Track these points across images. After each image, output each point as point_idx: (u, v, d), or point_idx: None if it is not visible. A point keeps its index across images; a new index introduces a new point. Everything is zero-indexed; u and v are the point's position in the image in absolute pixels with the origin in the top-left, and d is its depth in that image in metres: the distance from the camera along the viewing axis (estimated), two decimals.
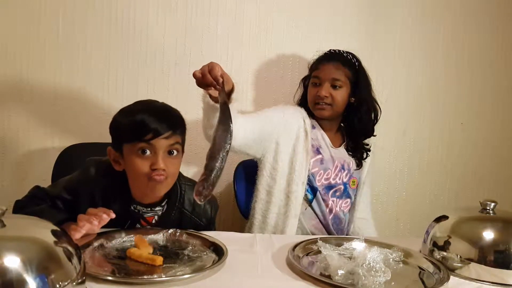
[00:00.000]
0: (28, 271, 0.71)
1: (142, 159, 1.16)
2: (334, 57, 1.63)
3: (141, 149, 1.16)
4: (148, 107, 1.22)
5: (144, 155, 1.16)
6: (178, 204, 1.27)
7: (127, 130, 1.18)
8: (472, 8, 2.10)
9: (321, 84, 1.60)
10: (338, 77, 1.59)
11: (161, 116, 1.18)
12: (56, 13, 1.83)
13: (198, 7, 1.91)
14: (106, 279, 0.93)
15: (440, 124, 2.14)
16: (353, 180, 1.66)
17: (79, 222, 1.10)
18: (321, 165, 1.60)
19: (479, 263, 1.06)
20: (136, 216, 1.25)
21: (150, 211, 1.26)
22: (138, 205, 1.25)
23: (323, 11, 1.99)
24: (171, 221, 1.26)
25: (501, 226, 1.11)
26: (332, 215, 1.61)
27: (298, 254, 1.12)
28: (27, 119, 1.85)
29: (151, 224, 1.27)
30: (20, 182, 1.85)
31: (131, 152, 1.17)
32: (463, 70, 2.12)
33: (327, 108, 1.60)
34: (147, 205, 1.25)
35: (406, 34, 2.07)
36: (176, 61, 1.92)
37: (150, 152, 1.16)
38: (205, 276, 0.98)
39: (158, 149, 1.16)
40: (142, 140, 1.15)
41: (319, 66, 1.63)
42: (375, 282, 0.97)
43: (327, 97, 1.58)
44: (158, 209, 1.27)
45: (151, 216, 1.26)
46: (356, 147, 1.67)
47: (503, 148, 2.18)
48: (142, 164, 1.16)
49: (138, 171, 1.17)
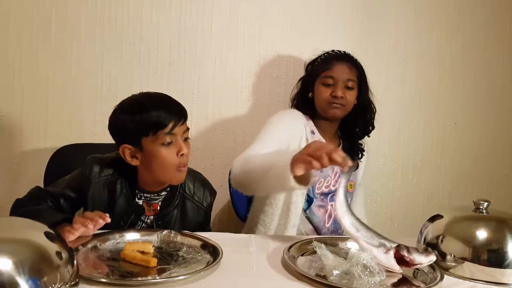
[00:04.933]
0: (21, 274, 0.70)
1: (168, 148, 1.23)
2: (345, 58, 1.62)
3: (165, 140, 1.22)
4: (159, 100, 1.28)
5: (169, 145, 1.22)
6: (180, 189, 1.33)
7: (146, 125, 1.22)
8: (466, 7, 2.11)
9: (335, 84, 1.56)
10: (351, 78, 1.58)
11: (174, 106, 1.26)
12: (49, 13, 1.81)
13: (192, 7, 1.91)
14: (100, 281, 0.92)
15: (434, 124, 2.15)
16: (350, 183, 1.66)
17: (74, 224, 1.10)
18: (320, 173, 1.56)
19: (472, 262, 1.07)
20: (140, 209, 1.30)
21: (157, 197, 1.31)
22: (145, 193, 1.30)
23: (318, 11, 1.99)
24: (174, 206, 1.32)
25: (494, 225, 1.11)
26: (331, 220, 1.59)
27: (293, 254, 1.12)
28: (20, 119, 1.83)
29: (156, 214, 1.31)
30: (12, 183, 1.84)
31: (154, 144, 1.22)
32: (456, 69, 2.13)
33: (341, 108, 1.57)
34: (154, 192, 1.31)
35: (400, 34, 2.07)
36: (170, 61, 1.91)
37: (173, 141, 1.23)
38: (200, 277, 0.98)
39: (178, 136, 1.23)
40: (165, 132, 1.21)
41: (331, 66, 1.58)
42: (370, 282, 0.98)
43: (342, 98, 1.56)
44: (164, 194, 1.32)
45: (156, 203, 1.31)
46: (352, 148, 1.67)
47: (497, 148, 2.19)
48: (169, 153, 1.22)
49: (166, 160, 1.23)
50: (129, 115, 1.24)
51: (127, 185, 1.29)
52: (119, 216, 1.26)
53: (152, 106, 1.23)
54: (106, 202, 1.27)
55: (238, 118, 1.95)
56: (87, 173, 1.28)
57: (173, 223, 1.31)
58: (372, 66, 2.05)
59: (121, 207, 1.27)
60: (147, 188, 1.30)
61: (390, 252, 1.04)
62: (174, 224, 1.31)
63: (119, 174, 1.29)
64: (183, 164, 1.25)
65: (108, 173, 1.29)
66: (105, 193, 1.27)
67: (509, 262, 1.05)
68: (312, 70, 1.66)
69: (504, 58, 2.16)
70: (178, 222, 1.32)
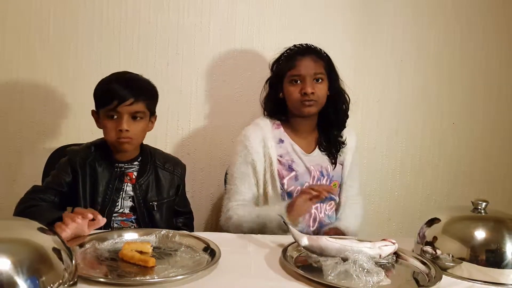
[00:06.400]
0: (19, 273, 0.70)
1: (111, 121, 1.40)
2: (309, 51, 1.56)
3: (109, 114, 1.39)
4: (117, 78, 1.44)
5: (112, 119, 1.39)
6: (150, 161, 1.51)
7: (99, 97, 1.44)
8: (464, 7, 2.11)
9: (303, 80, 1.52)
10: (319, 71, 1.53)
11: (126, 86, 1.40)
12: (47, 14, 1.81)
13: (190, 6, 1.91)
14: (98, 281, 0.92)
15: (432, 124, 2.15)
16: (334, 183, 1.60)
17: (64, 220, 1.15)
18: (296, 182, 1.54)
19: (471, 262, 1.07)
20: (121, 174, 1.46)
21: (130, 166, 1.48)
22: (120, 163, 1.47)
23: (316, 11, 1.99)
24: (148, 174, 1.49)
25: (492, 225, 1.12)
26: (316, 223, 1.57)
27: (291, 254, 1.12)
28: (18, 119, 1.83)
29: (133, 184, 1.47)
30: (10, 183, 1.84)
31: (103, 116, 1.41)
32: (455, 69, 2.13)
33: (314, 104, 1.52)
34: (126, 161, 1.48)
35: (398, 34, 2.07)
36: (168, 62, 1.91)
37: (117, 117, 1.39)
38: (198, 277, 0.98)
39: (123, 114, 1.38)
40: (110, 108, 1.38)
41: (295, 64, 1.53)
42: (368, 282, 0.98)
43: (313, 93, 1.51)
44: (136, 164, 1.49)
45: (131, 172, 1.48)
46: (329, 141, 1.62)
47: (495, 148, 2.20)
48: (110, 126, 1.40)
49: (109, 131, 1.41)
50: (97, 86, 1.45)
51: (105, 157, 1.46)
52: (106, 185, 1.43)
53: (108, 82, 1.42)
54: (94, 177, 1.43)
55: (236, 118, 1.95)
56: (72, 154, 1.46)
57: (150, 190, 1.48)
58: (370, 66, 2.06)
59: (104, 178, 1.44)
60: (120, 158, 1.47)
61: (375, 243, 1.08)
62: (151, 190, 1.48)
63: (96, 151, 1.47)
64: (122, 137, 1.39)
65: (87, 154, 1.46)
66: (91, 170, 1.44)
67: (507, 262, 1.06)
68: (277, 70, 1.61)
69: (502, 58, 2.16)
70: (154, 189, 1.49)
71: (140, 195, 1.45)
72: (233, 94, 1.97)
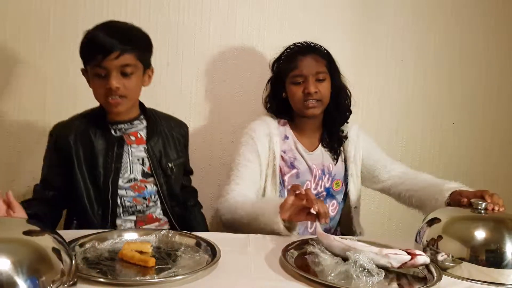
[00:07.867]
0: (19, 273, 0.70)
1: (99, 79, 1.25)
2: (310, 50, 1.55)
3: (96, 72, 1.24)
4: (101, 27, 1.27)
5: (100, 77, 1.25)
6: (156, 121, 1.41)
7: (83, 52, 1.27)
8: (464, 7, 2.11)
9: (305, 80, 1.51)
10: (321, 70, 1.52)
11: (111, 35, 1.23)
12: (47, 14, 1.81)
13: (190, 7, 1.91)
14: (98, 281, 0.92)
15: (432, 124, 2.15)
16: (336, 182, 1.60)
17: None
18: (297, 179, 1.55)
19: (471, 263, 1.07)
20: (120, 139, 1.33)
21: (131, 126, 1.36)
22: (118, 123, 1.33)
23: (316, 11, 1.99)
24: (159, 136, 1.39)
25: (492, 225, 1.12)
26: (314, 224, 1.53)
27: (291, 254, 1.12)
28: (17, 119, 1.83)
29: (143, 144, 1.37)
30: (9, 183, 1.84)
31: (91, 74, 1.27)
32: (454, 70, 2.13)
33: (318, 104, 1.52)
34: (125, 121, 1.34)
35: (398, 34, 2.07)
36: (168, 61, 1.91)
37: (105, 74, 1.24)
38: (198, 277, 0.98)
39: (110, 69, 1.23)
40: (95, 63, 1.22)
41: (297, 64, 1.52)
42: (368, 282, 0.98)
43: (316, 93, 1.50)
44: (137, 123, 1.37)
45: (134, 131, 1.35)
46: (331, 137, 1.61)
47: (495, 148, 2.20)
48: (98, 84, 1.26)
49: (96, 89, 1.27)
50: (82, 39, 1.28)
51: (98, 123, 1.32)
52: (104, 155, 1.30)
53: (88, 35, 1.26)
54: (89, 149, 1.30)
55: (236, 118, 1.95)
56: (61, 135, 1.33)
57: (163, 151, 1.38)
58: (370, 67, 2.06)
59: (101, 146, 1.30)
60: (117, 118, 1.33)
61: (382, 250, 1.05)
62: (164, 151, 1.38)
63: (86, 119, 1.34)
64: (113, 97, 1.25)
65: (76, 124, 1.33)
66: (84, 142, 1.31)
67: (507, 262, 1.06)
68: (278, 70, 1.60)
69: (502, 58, 2.16)
70: (168, 150, 1.40)
71: (155, 157, 1.35)
72: (233, 94, 1.97)
